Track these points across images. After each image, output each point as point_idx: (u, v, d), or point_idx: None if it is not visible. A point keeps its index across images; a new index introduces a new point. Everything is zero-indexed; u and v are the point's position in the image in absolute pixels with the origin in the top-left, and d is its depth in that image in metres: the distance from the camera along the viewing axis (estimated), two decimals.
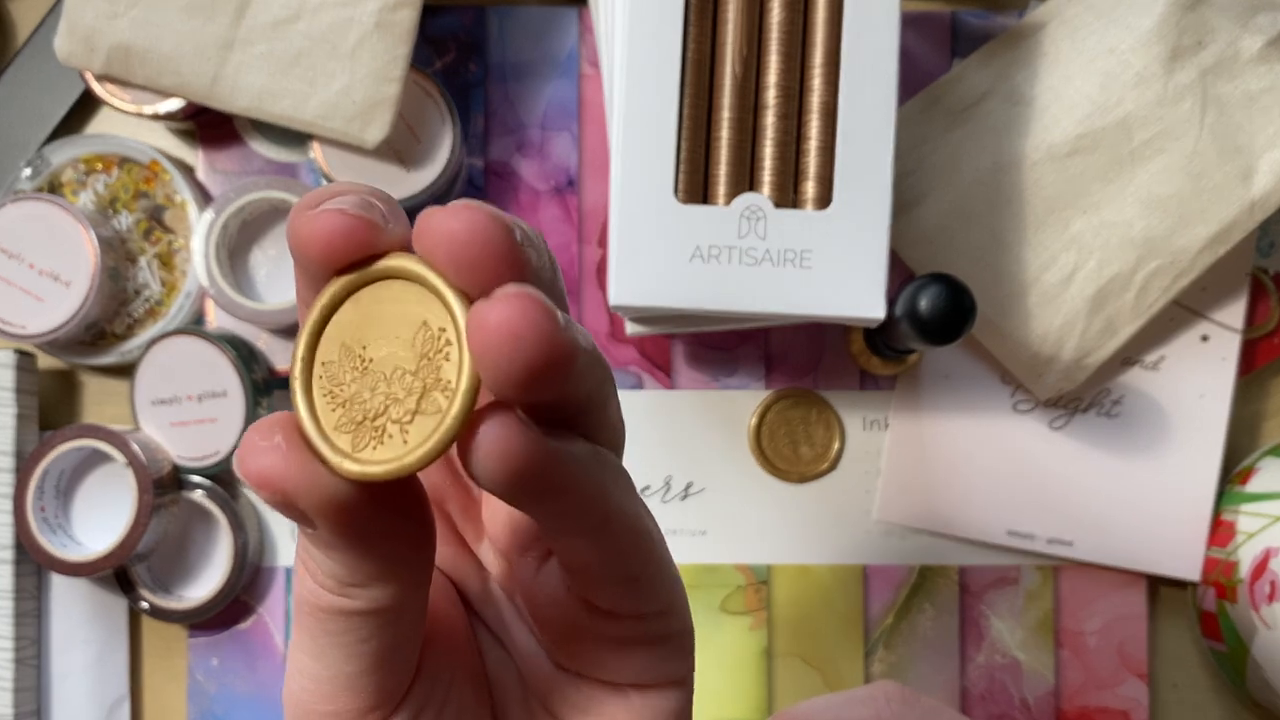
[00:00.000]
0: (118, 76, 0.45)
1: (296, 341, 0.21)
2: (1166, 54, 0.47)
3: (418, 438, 0.19)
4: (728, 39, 0.42)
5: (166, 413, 0.47)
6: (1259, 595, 0.46)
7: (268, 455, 0.20)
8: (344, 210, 0.20)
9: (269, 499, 0.20)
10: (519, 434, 0.19)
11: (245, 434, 0.20)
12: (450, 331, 0.19)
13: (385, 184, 0.47)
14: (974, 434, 0.50)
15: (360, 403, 0.20)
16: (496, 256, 0.19)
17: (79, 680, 0.49)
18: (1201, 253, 0.47)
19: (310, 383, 0.21)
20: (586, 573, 0.22)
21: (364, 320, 0.20)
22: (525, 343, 0.18)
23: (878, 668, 0.50)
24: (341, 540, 0.20)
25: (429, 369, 0.20)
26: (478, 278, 0.19)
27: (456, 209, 0.19)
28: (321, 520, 0.20)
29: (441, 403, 0.19)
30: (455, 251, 0.19)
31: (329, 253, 0.20)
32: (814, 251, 0.42)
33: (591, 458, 0.21)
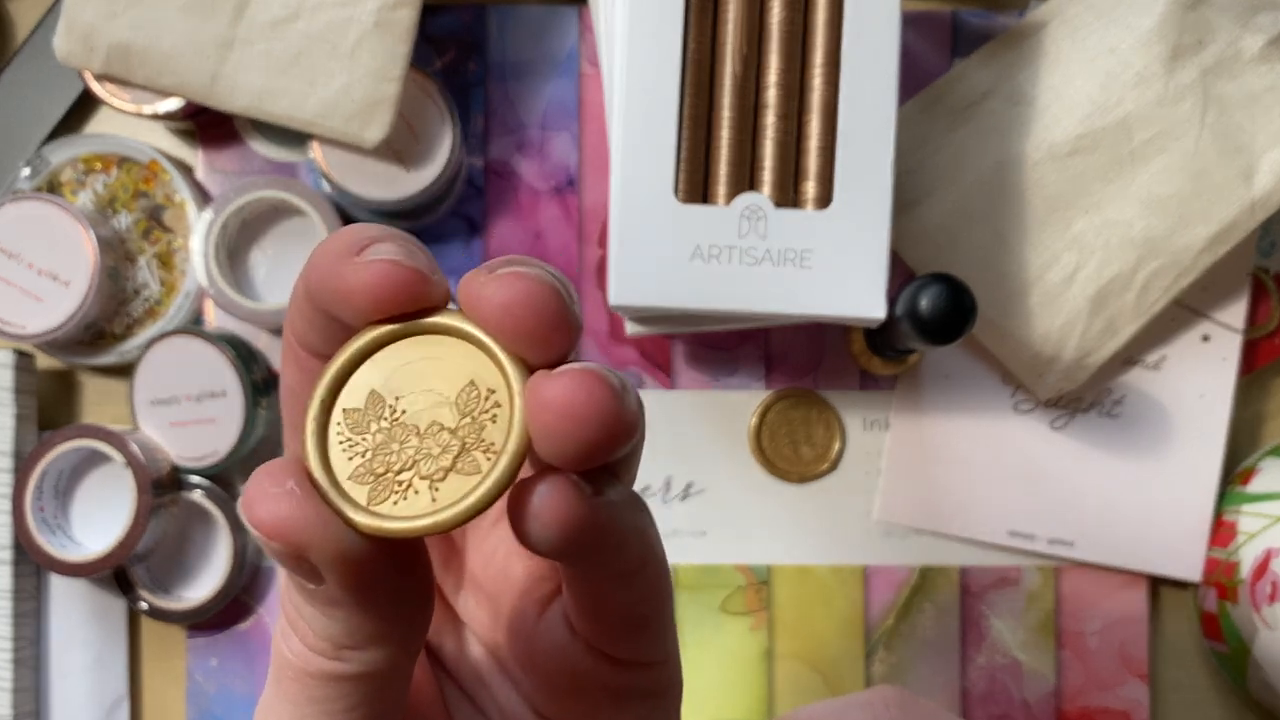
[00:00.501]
0: (117, 76, 0.45)
1: (315, 383, 0.20)
2: (1167, 53, 0.46)
3: (450, 496, 0.19)
4: (728, 38, 0.42)
5: (165, 413, 0.47)
6: (1260, 596, 0.46)
7: (281, 502, 0.19)
8: (398, 262, 0.19)
9: (278, 550, 0.19)
10: (575, 497, 0.19)
11: (253, 478, 0.19)
12: (502, 394, 0.19)
13: (385, 183, 0.47)
14: (975, 434, 0.50)
15: (385, 454, 0.19)
16: (551, 326, 0.19)
17: (78, 681, 0.49)
18: (1202, 252, 0.47)
19: (326, 428, 0.20)
20: (606, 617, 0.22)
21: (401, 371, 0.19)
22: (589, 424, 0.18)
23: (878, 668, 0.50)
24: (348, 597, 0.19)
25: (471, 428, 0.19)
26: (533, 346, 0.19)
27: (508, 276, 0.19)
28: (332, 575, 0.19)
29: (483, 464, 0.19)
30: (508, 320, 0.19)
31: (377, 304, 0.19)
32: (814, 251, 0.42)
33: (632, 503, 0.20)
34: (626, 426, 0.18)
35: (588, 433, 0.18)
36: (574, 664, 0.23)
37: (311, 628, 0.20)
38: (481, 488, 0.18)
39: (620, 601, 0.21)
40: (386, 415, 0.19)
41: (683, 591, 0.50)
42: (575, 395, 0.18)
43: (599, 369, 0.18)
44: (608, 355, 0.50)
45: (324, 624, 0.20)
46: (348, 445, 0.19)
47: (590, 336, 0.50)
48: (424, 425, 0.19)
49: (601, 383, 0.18)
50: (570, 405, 0.18)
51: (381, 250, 0.19)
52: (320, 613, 0.20)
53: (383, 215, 0.49)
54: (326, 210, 0.47)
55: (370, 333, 0.20)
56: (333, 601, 0.20)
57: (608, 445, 0.18)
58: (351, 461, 0.19)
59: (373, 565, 0.19)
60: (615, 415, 0.18)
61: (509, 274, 0.19)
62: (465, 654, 0.25)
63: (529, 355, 0.19)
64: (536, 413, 0.18)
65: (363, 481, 0.19)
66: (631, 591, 0.21)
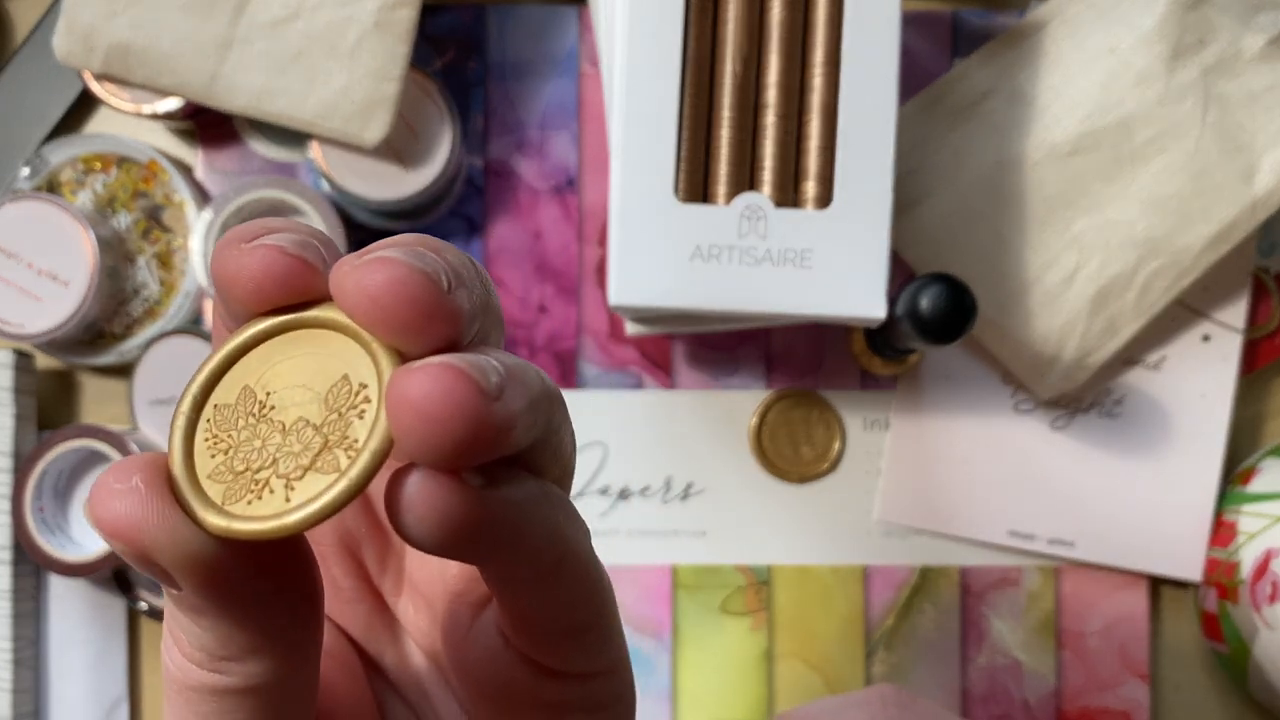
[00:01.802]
0: (116, 76, 0.45)
1: (193, 377, 0.19)
2: (1168, 53, 0.46)
3: (304, 496, 0.17)
4: (728, 37, 0.42)
5: (165, 413, 0.47)
6: (1260, 596, 0.45)
7: (122, 500, 0.17)
8: (283, 248, 0.18)
9: (122, 550, 0.17)
10: (451, 490, 0.17)
11: (101, 475, 0.17)
12: (373, 389, 0.18)
13: (385, 183, 0.47)
14: (975, 434, 0.50)
15: (245, 451, 0.18)
16: (422, 314, 0.17)
17: (77, 681, 0.49)
18: (1203, 252, 0.47)
19: (195, 424, 0.18)
20: (533, 624, 0.20)
21: (277, 366, 0.18)
22: (447, 425, 0.16)
23: (878, 669, 0.50)
24: (209, 605, 0.18)
25: (337, 425, 0.18)
26: (404, 337, 0.17)
27: (373, 262, 0.17)
28: (184, 580, 0.17)
29: (342, 462, 0.17)
30: (375, 311, 0.17)
31: (258, 293, 0.18)
32: (814, 251, 0.42)
33: (541, 497, 0.19)
34: (494, 429, 0.16)
35: (446, 435, 0.16)
36: (508, 675, 0.21)
37: (186, 637, 0.19)
38: (336, 487, 0.17)
39: (544, 606, 0.20)
40: (255, 411, 0.18)
41: (683, 591, 0.50)
42: (431, 393, 0.16)
43: (465, 361, 0.17)
44: (608, 355, 0.50)
45: (196, 634, 0.19)
46: (213, 442, 0.18)
47: (590, 336, 0.50)
48: (290, 421, 0.18)
49: (462, 379, 0.16)
50: (425, 404, 0.16)
51: (272, 239, 0.18)
52: (190, 620, 0.19)
53: (383, 215, 0.49)
54: (326, 210, 0.47)
55: (253, 326, 0.19)
56: (195, 609, 0.18)
57: (472, 449, 0.16)
58: (214, 459, 0.18)
59: (228, 570, 0.18)
60: (478, 416, 0.16)
61: (372, 261, 0.17)
62: (406, 663, 0.24)
63: (404, 347, 0.17)
64: (394, 412, 0.16)
65: (220, 480, 0.18)
66: (553, 595, 0.19)
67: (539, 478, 0.19)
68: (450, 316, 0.17)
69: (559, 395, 0.19)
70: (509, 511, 0.18)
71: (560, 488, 0.20)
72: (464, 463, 0.17)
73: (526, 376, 0.18)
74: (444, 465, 0.17)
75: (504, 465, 0.18)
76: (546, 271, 0.50)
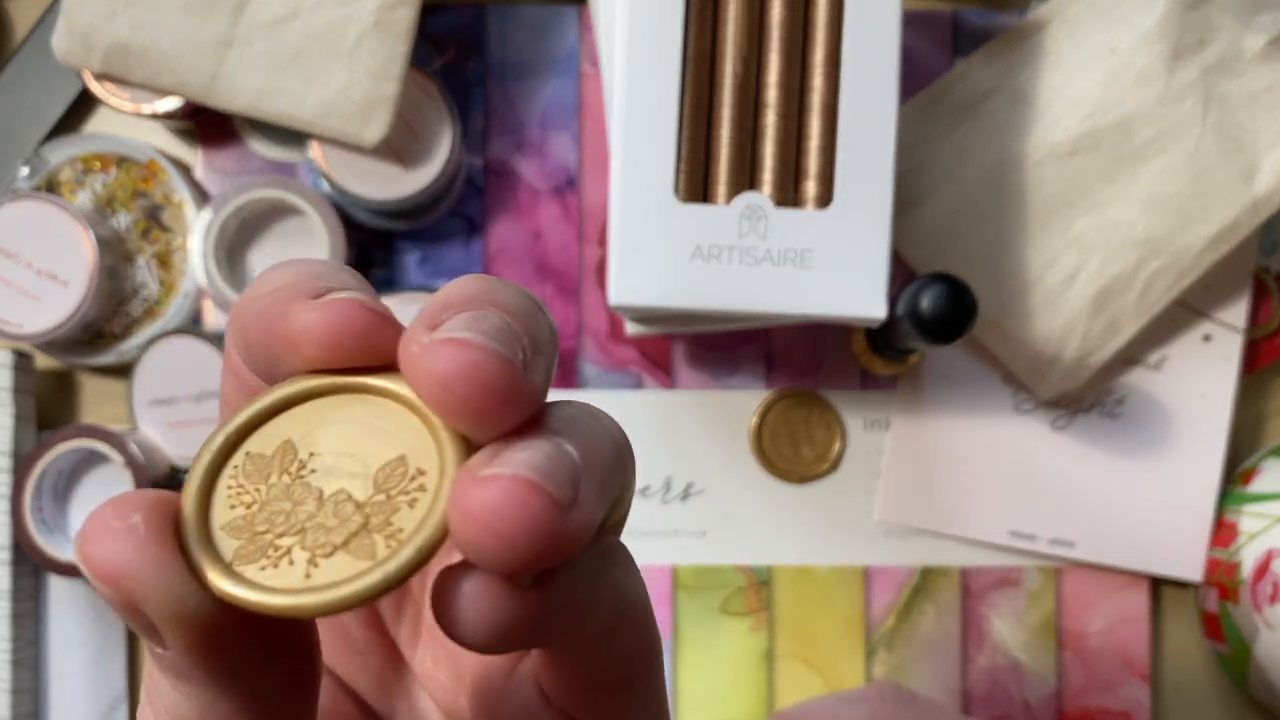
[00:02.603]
0: (116, 75, 0.45)
1: (231, 417, 0.17)
2: (1168, 53, 0.46)
3: (327, 578, 0.15)
4: (728, 37, 0.42)
5: (164, 413, 0.47)
6: (1261, 596, 0.45)
7: (116, 540, 0.15)
8: (363, 302, 0.16)
9: (108, 597, 0.15)
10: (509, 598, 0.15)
11: (96, 509, 0.15)
12: (431, 479, 0.16)
13: (384, 183, 0.46)
14: (976, 434, 0.50)
15: (271, 511, 0.16)
16: (498, 401, 0.16)
17: (77, 682, 0.49)
18: (1204, 252, 0.47)
19: (220, 467, 0.17)
20: (583, 681, 0.19)
21: (327, 428, 0.17)
22: (517, 543, 0.15)
23: (879, 669, 0.50)
24: (195, 670, 0.16)
25: (382, 508, 0.16)
26: (476, 424, 0.16)
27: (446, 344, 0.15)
28: (173, 639, 0.15)
29: (380, 550, 0.15)
30: (446, 397, 0.16)
31: (333, 349, 0.16)
32: (815, 251, 0.42)
33: (599, 566, 0.17)
34: (567, 542, 0.15)
35: (515, 552, 0.15)
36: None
37: (164, 702, 0.17)
38: (368, 578, 0.15)
39: (598, 664, 0.18)
40: (292, 470, 0.16)
41: (683, 592, 0.50)
42: (502, 509, 0.15)
43: (539, 472, 0.15)
44: (608, 355, 0.50)
45: (174, 700, 0.17)
46: (236, 491, 0.16)
47: (590, 336, 0.50)
48: (330, 491, 0.16)
49: (535, 494, 0.15)
50: (495, 521, 0.15)
51: (346, 293, 0.16)
52: (170, 685, 0.16)
53: (382, 215, 0.48)
54: (326, 210, 0.47)
55: (309, 380, 0.17)
56: (180, 673, 0.16)
57: (541, 563, 0.15)
58: (233, 510, 0.16)
59: (224, 636, 0.16)
60: (552, 532, 0.15)
61: (445, 342, 0.15)
62: (417, 715, 0.22)
63: (473, 433, 0.16)
64: (458, 521, 0.15)
65: (235, 535, 0.16)
66: (608, 655, 0.18)
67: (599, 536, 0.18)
68: (527, 400, 0.16)
69: (628, 449, 0.18)
70: (568, 598, 0.16)
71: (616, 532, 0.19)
72: (531, 572, 0.15)
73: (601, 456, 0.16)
74: (512, 576, 0.15)
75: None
76: (546, 271, 0.50)
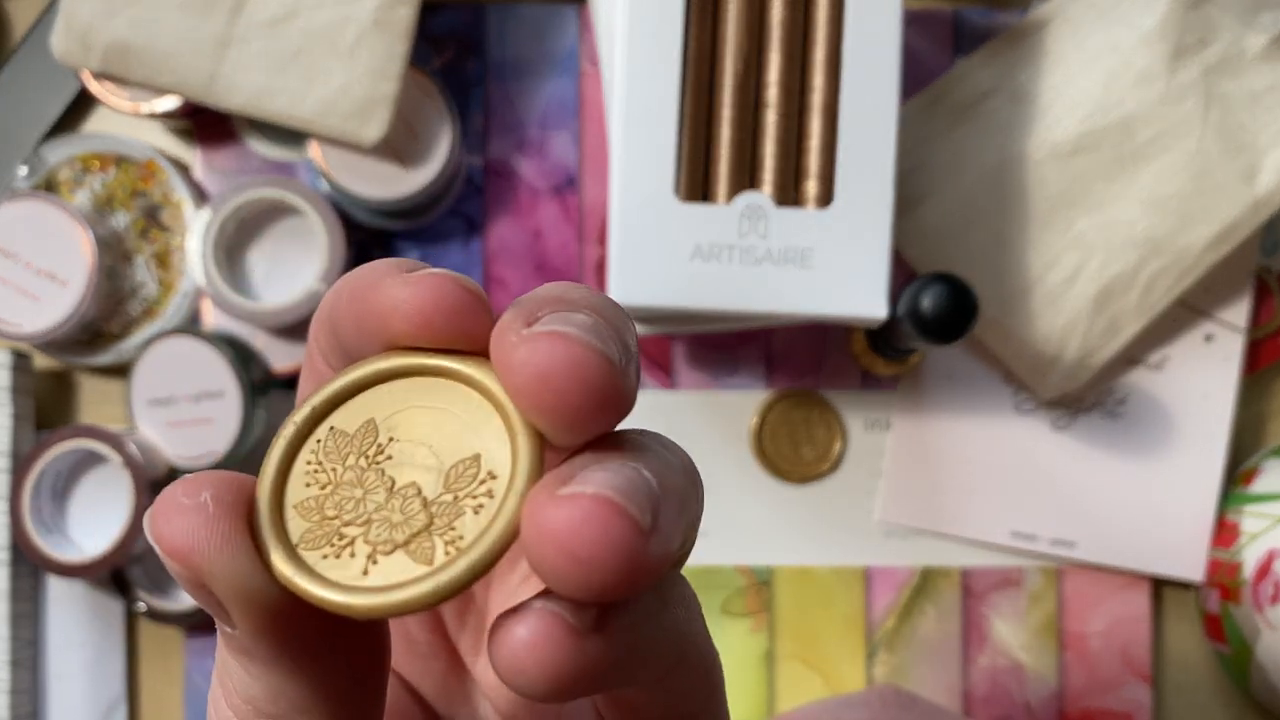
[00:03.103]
0: (114, 74, 0.45)
1: (318, 389, 0.17)
2: (1169, 52, 0.46)
3: (382, 579, 0.15)
4: (729, 36, 0.42)
5: (163, 413, 0.47)
6: (1263, 596, 0.45)
7: (185, 518, 0.15)
8: (458, 279, 0.16)
9: (179, 574, 0.15)
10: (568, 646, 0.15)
11: (168, 487, 0.16)
12: (499, 485, 0.15)
13: (384, 183, 0.46)
14: (977, 434, 0.50)
15: (342, 496, 0.16)
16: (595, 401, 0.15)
17: (75, 683, 0.49)
18: (1205, 252, 0.47)
19: (304, 439, 0.16)
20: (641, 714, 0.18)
21: (410, 411, 0.16)
22: (597, 569, 0.14)
23: (879, 670, 0.50)
24: (263, 651, 0.16)
25: (448, 509, 0.15)
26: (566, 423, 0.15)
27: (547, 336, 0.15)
28: (241, 618, 0.15)
29: (438, 555, 0.15)
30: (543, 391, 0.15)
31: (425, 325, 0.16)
32: (815, 250, 0.41)
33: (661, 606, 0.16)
34: (648, 571, 0.14)
35: (591, 579, 0.14)
36: None
37: (233, 683, 0.17)
38: (419, 586, 0.15)
39: (658, 700, 0.18)
40: (369, 454, 0.16)
41: None
42: (584, 530, 0.14)
43: (621, 493, 0.14)
44: None
45: (244, 681, 0.16)
46: (315, 469, 0.16)
47: None
48: (400, 482, 0.16)
49: (619, 517, 0.14)
50: (574, 544, 0.14)
51: (442, 270, 0.16)
52: (239, 665, 0.16)
53: (382, 214, 0.48)
54: (325, 210, 0.47)
55: (399, 358, 0.16)
56: (248, 652, 0.16)
57: (618, 593, 0.14)
58: (308, 488, 0.16)
59: (291, 618, 0.16)
60: (632, 560, 0.14)
61: (546, 335, 0.15)
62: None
63: (559, 433, 0.15)
64: (533, 540, 0.14)
65: (306, 516, 0.16)
66: (668, 688, 0.17)
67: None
68: (622, 403, 0.15)
69: (699, 481, 0.17)
70: (629, 643, 0.16)
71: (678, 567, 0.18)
72: (606, 601, 0.15)
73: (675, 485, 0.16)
74: (585, 599, 0.15)
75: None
76: (546, 271, 0.50)
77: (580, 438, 0.15)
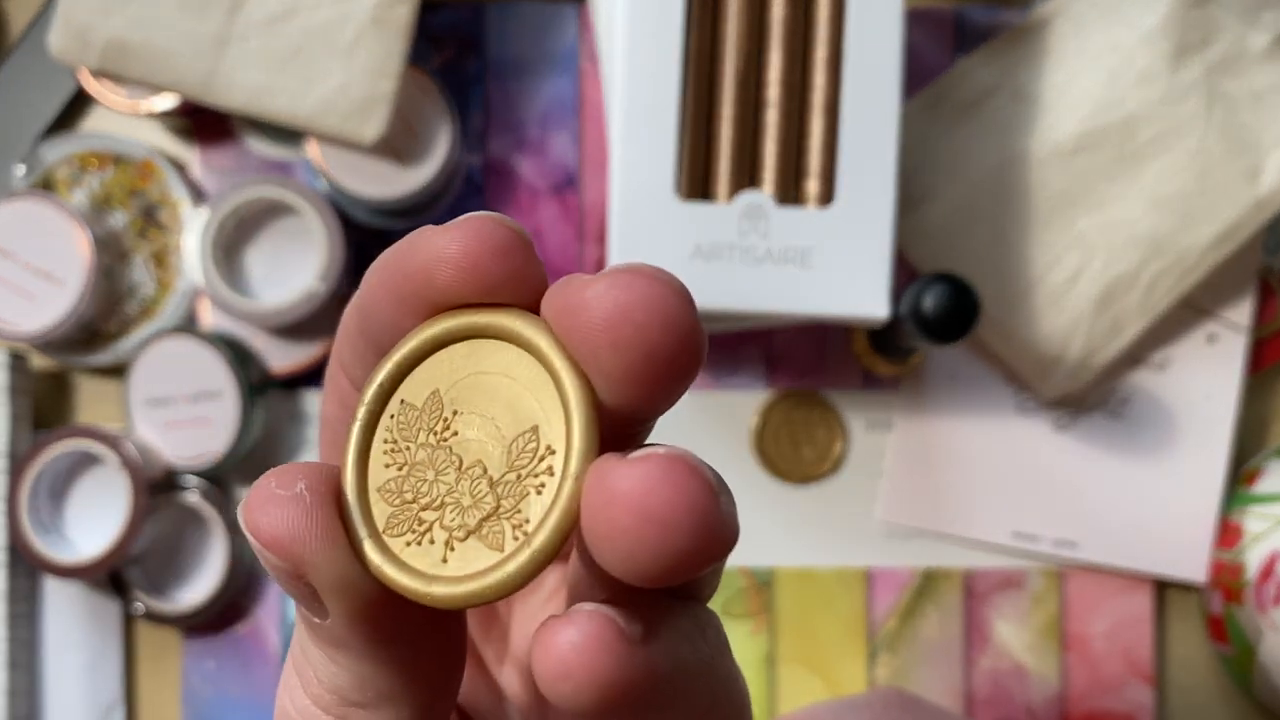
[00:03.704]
0: (112, 73, 0.45)
1: (380, 364, 0.16)
2: (1172, 51, 0.46)
3: (458, 567, 0.15)
4: (729, 34, 0.42)
5: (161, 413, 0.47)
6: (1266, 598, 0.45)
7: (283, 508, 0.15)
8: (498, 219, 0.15)
9: (275, 565, 0.15)
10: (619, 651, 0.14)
11: (260, 479, 0.16)
12: (557, 462, 0.15)
13: (383, 182, 0.46)
14: (978, 435, 0.49)
15: (418, 478, 0.16)
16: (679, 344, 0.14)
17: (73, 684, 0.49)
18: (1208, 251, 0.47)
19: (377, 419, 0.16)
20: None
21: (471, 378, 0.16)
22: (678, 531, 0.13)
23: (881, 672, 0.50)
24: (355, 639, 0.16)
25: (513, 489, 0.15)
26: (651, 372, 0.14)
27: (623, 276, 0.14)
28: (337, 607, 0.15)
29: (507, 542, 0.15)
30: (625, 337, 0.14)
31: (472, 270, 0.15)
32: (816, 250, 0.41)
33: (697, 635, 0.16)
34: (725, 540, 0.14)
35: (674, 543, 0.13)
36: None
37: (317, 674, 0.17)
38: (489, 577, 0.15)
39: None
40: (438, 429, 0.16)
41: None
42: (661, 490, 0.13)
43: (691, 456, 0.14)
44: None
45: (330, 671, 0.16)
46: (391, 448, 0.16)
47: None
48: (468, 460, 0.15)
49: (697, 476, 0.13)
50: (651, 502, 0.13)
51: (482, 214, 0.16)
52: (326, 655, 0.16)
53: (381, 214, 0.48)
54: (324, 209, 0.47)
55: (453, 319, 0.16)
56: (338, 642, 0.16)
57: (697, 564, 0.14)
58: (388, 470, 0.16)
59: (384, 605, 0.16)
60: (710, 523, 0.13)
61: (626, 270, 0.14)
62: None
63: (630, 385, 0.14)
64: (601, 508, 0.14)
65: (389, 501, 0.16)
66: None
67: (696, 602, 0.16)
68: (700, 351, 0.14)
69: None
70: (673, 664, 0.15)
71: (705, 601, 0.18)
72: (676, 580, 0.14)
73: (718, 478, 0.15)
74: (652, 581, 0.14)
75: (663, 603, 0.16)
76: (546, 270, 0.50)
77: (649, 390, 0.14)
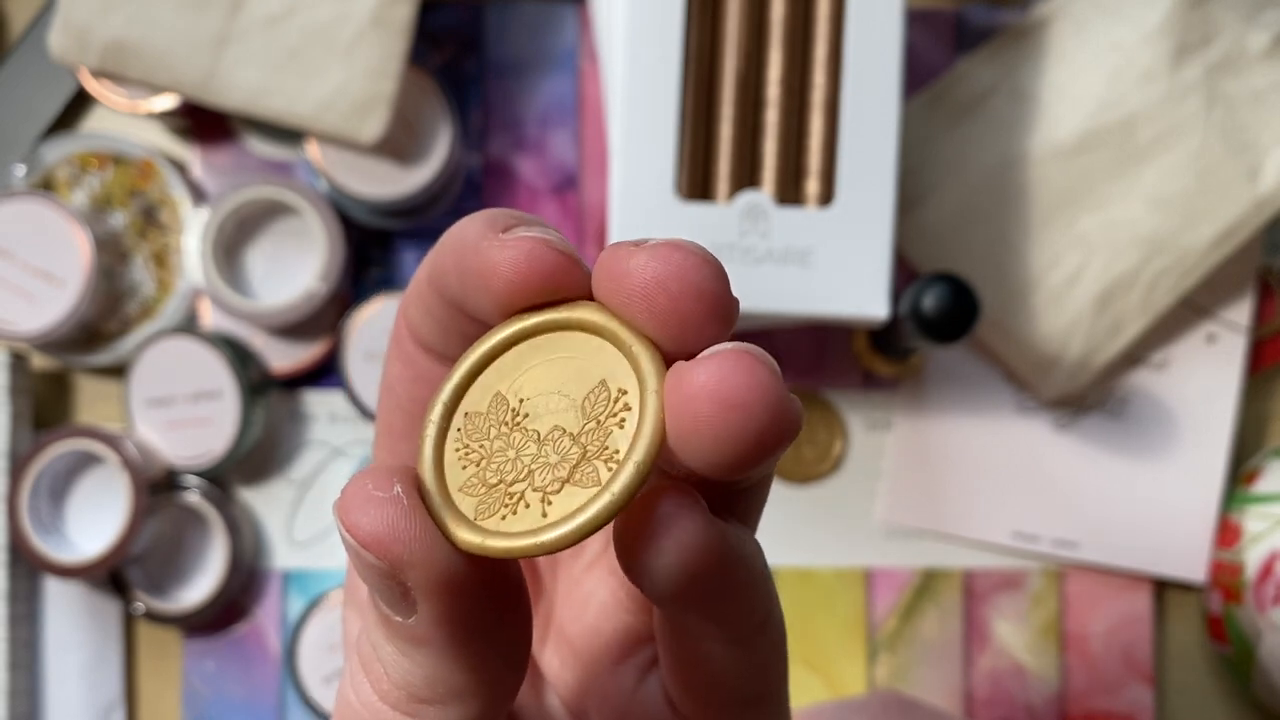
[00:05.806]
0: (112, 73, 0.45)
1: (442, 384, 0.18)
2: (1172, 50, 0.46)
3: (562, 511, 0.16)
4: (729, 33, 0.42)
5: (161, 413, 0.47)
6: (1265, 598, 0.45)
7: (382, 509, 0.16)
8: (549, 242, 0.16)
9: (372, 565, 0.16)
10: (707, 528, 0.16)
11: (352, 480, 0.16)
12: (634, 396, 0.16)
13: (383, 182, 0.46)
14: (978, 435, 0.49)
15: (498, 462, 0.17)
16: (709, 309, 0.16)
17: (73, 684, 0.49)
18: (1208, 251, 0.46)
19: (445, 433, 0.17)
20: (717, 691, 0.19)
21: (530, 372, 0.17)
22: (753, 412, 0.15)
23: (881, 671, 0.50)
24: (439, 635, 0.16)
25: (595, 434, 0.16)
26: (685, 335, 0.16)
27: (661, 249, 0.16)
28: (428, 603, 0.16)
29: (603, 474, 0.16)
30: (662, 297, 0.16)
31: (522, 288, 0.17)
32: (816, 250, 0.41)
33: (758, 552, 0.17)
34: (793, 420, 0.15)
35: (752, 424, 0.15)
36: None
37: (388, 671, 0.17)
38: (598, 502, 0.16)
39: (733, 673, 0.18)
40: (508, 420, 0.17)
41: None
42: (734, 378, 0.15)
43: (755, 351, 0.15)
44: None
45: (403, 668, 0.17)
46: (464, 452, 0.17)
47: None
48: (545, 431, 0.17)
49: (763, 363, 0.15)
50: (727, 389, 0.15)
51: (528, 231, 0.17)
52: (401, 653, 0.17)
53: (381, 214, 0.48)
54: (324, 209, 0.47)
55: (501, 331, 0.17)
56: (419, 639, 0.17)
57: (772, 444, 0.15)
58: (465, 471, 0.17)
59: (472, 595, 0.16)
60: (782, 404, 0.15)
61: (661, 244, 0.16)
62: (545, 713, 0.22)
63: (675, 344, 0.16)
64: (682, 405, 0.15)
65: (472, 493, 0.17)
66: (748, 660, 0.18)
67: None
68: (730, 314, 0.16)
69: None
70: (744, 563, 0.17)
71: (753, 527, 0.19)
72: (754, 463, 0.15)
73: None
74: (732, 467, 0.15)
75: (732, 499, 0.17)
76: None
77: (695, 345, 0.16)
